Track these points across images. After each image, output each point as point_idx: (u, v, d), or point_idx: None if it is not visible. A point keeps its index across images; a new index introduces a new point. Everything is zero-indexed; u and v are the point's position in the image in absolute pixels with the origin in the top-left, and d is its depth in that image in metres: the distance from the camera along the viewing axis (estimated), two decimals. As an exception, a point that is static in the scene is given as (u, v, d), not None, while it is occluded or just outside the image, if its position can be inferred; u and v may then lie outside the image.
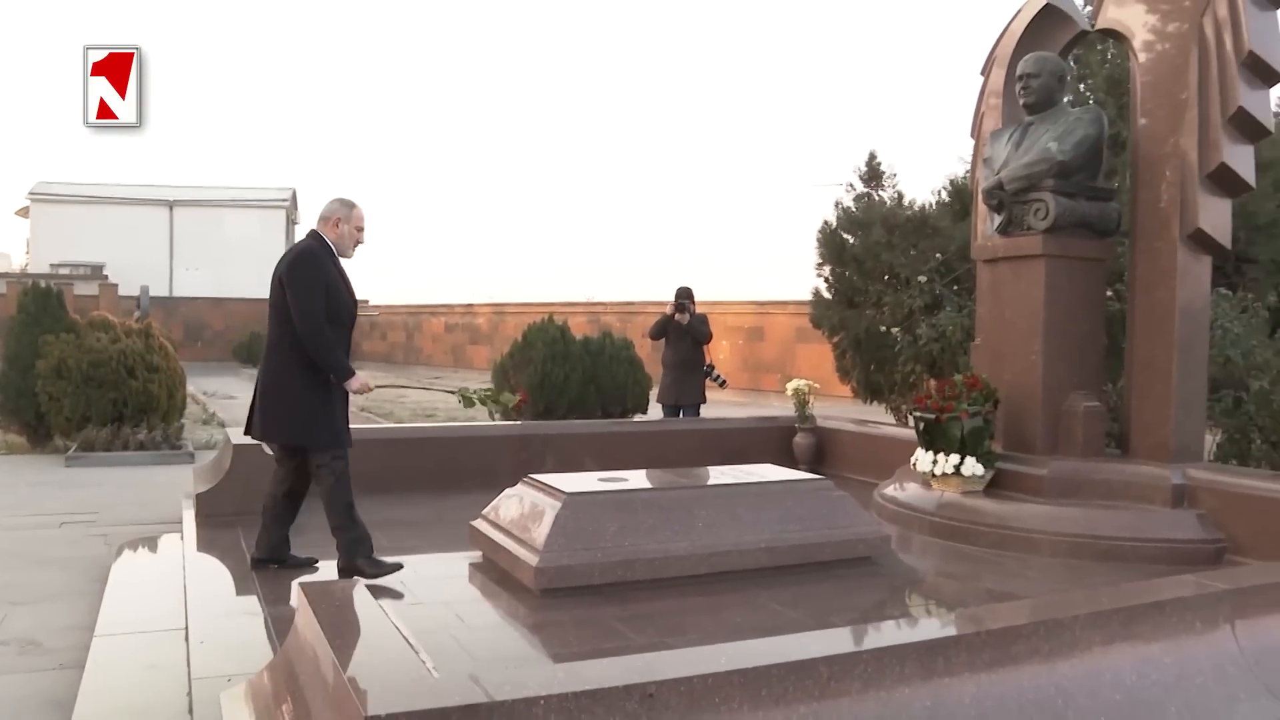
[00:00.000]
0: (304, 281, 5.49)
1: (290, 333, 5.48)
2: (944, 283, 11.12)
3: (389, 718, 2.34)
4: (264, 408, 5.63)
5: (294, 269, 5.55)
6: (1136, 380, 7.03)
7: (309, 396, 5.51)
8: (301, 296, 5.47)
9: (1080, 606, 3.45)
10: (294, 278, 5.52)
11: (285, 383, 5.54)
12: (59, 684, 4.53)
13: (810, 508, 5.95)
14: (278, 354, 5.58)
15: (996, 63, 8.14)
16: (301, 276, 5.51)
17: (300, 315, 5.45)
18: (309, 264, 5.55)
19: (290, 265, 5.58)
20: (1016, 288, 7.22)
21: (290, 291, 5.50)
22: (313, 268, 5.53)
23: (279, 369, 5.56)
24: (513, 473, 6.71)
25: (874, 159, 13.11)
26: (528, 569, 5.16)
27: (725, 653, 2.80)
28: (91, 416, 11.96)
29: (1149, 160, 6.95)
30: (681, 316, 10.62)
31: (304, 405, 5.51)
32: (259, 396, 5.66)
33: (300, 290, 5.48)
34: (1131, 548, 6.22)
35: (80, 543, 7.35)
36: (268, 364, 5.63)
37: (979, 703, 3.00)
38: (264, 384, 5.63)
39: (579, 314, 26.49)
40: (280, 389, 5.55)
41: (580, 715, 2.47)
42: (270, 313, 5.66)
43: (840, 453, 9.58)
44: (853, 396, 13.29)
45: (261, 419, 5.65)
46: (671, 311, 10.69)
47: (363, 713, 2.36)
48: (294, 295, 5.48)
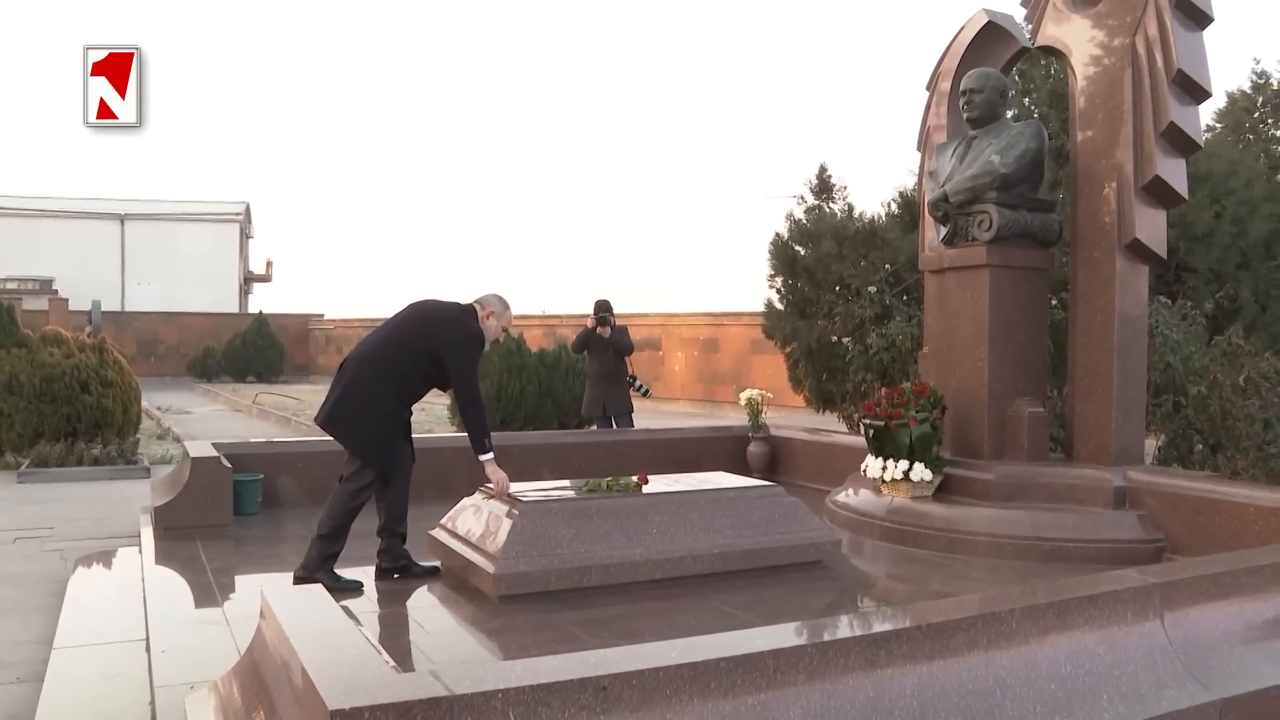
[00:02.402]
0: (472, 356, 5.85)
1: (404, 367, 5.76)
2: (893, 293, 11.32)
3: (353, 712, 2.43)
4: (342, 410, 5.79)
5: (463, 347, 5.79)
6: (1078, 386, 7.24)
7: (388, 425, 5.76)
8: (466, 372, 5.81)
9: (1017, 600, 3.59)
10: (460, 351, 5.77)
11: (374, 401, 5.72)
12: (15, 697, 4.54)
13: (763, 513, 6.08)
14: (379, 374, 5.76)
15: (941, 78, 8.35)
16: (472, 351, 5.83)
17: (465, 386, 5.81)
18: (479, 344, 5.89)
19: (460, 340, 5.79)
20: (962, 297, 7.41)
21: (454, 360, 5.75)
22: (477, 351, 5.89)
23: (373, 386, 5.74)
24: (469, 483, 6.77)
25: (824, 171, 13.30)
26: (486, 576, 5.26)
27: (676, 648, 2.91)
28: (44, 432, 11.89)
29: (1088, 173, 7.17)
30: (603, 330, 10.75)
31: (381, 429, 5.74)
32: (342, 392, 5.80)
33: (465, 366, 5.80)
34: (1075, 548, 6.40)
35: (35, 558, 7.33)
36: (362, 374, 5.77)
37: (920, 693, 3.13)
38: (352, 390, 5.78)
39: (535, 326, 26.55)
40: (369, 404, 5.72)
41: (537, 708, 2.57)
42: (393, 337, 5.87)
43: (793, 461, 9.72)
44: (806, 406, 13.46)
45: (336, 415, 5.80)
46: (592, 325, 10.82)
47: (328, 709, 2.44)
48: (457, 366, 5.77)
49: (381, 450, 5.75)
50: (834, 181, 13.24)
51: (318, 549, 5.66)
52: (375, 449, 5.74)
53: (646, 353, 23.59)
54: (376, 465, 5.73)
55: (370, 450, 5.73)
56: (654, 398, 13.28)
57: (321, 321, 41.69)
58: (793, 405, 15.00)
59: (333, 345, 40.18)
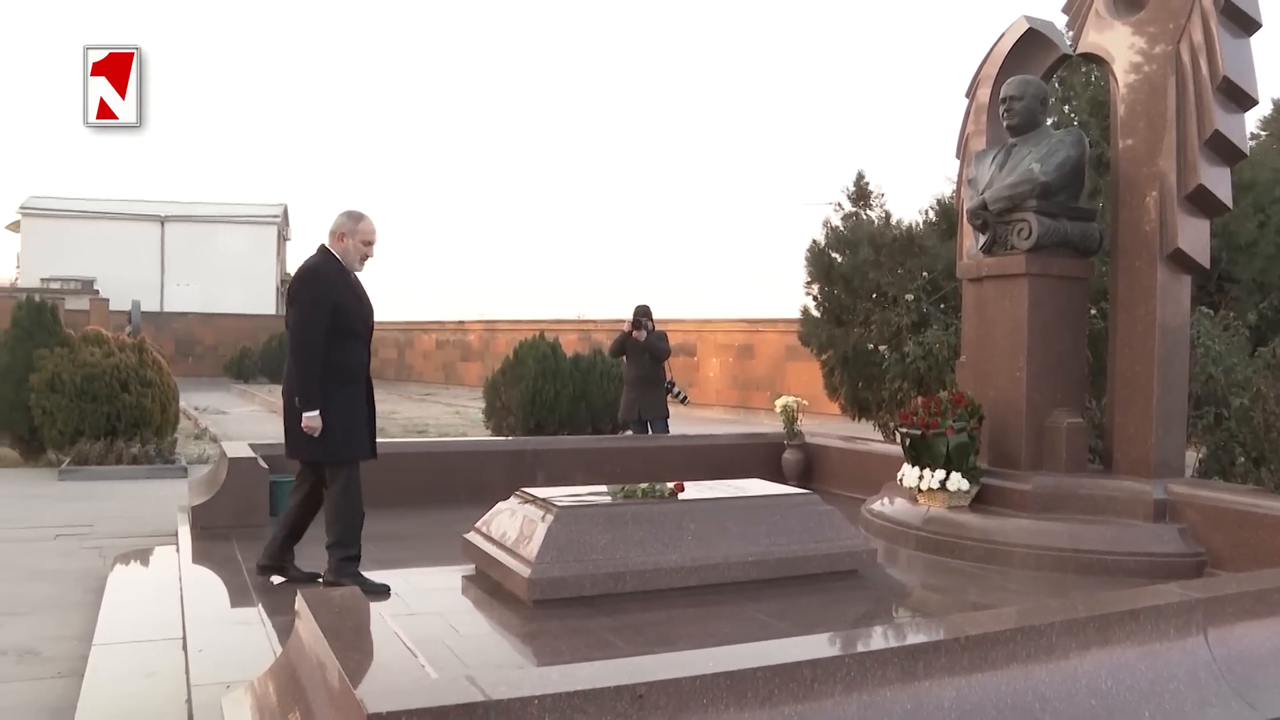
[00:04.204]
0: (301, 301, 5.61)
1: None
2: (931, 301, 11.25)
3: (390, 715, 2.43)
4: (287, 426, 5.73)
5: (296, 287, 5.66)
6: (1118, 396, 7.16)
7: (335, 410, 5.57)
8: (296, 315, 5.59)
9: (1056, 614, 3.55)
10: (294, 296, 5.65)
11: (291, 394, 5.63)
12: (56, 692, 4.60)
13: (798, 521, 6.06)
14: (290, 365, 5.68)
15: (981, 85, 8.30)
16: (300, 296, 5.62)
17: (291, 332, 5.61)
18: (309, 283, 5.63)
19: (294, 283, 5.70)
20: (1001, 306, 7.35)
21: (290, 309, 5.64)
22: (313, 287, 5.61)
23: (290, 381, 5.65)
24: (504, 487, 6.79)
25: (862, 179, 13.24)
26: (520, 580, 5.26)
27: (713, 656, 2.90)
28: (85, 430, 12.02)
29: (1130, 181, 7.09)
30: (639, 334, 10.82)
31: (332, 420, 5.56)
32: (284, 414, 5.74)
33: (297, 309, 5.61)
34: (1114, 561, 6.33)
35: (75, 555, 7.41)
36: (287, 382, 5.70)
37: (958, 706, 3.10)
38: (285, 401, 5.71)
39: (570, 331, 26.57)
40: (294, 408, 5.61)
41: (573, 715, 2.56)
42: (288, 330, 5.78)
43: (828, 469, 9.69)
44: (841, 413, 13.38)
45: (286, 436, 5.75)
46: (629, 329, 10.87)
47: (365, 712, 2.45)
48: (291, 313, 5.62)
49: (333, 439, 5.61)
50: (871, 188, 13.17)
51: (333, 559, 5.64)
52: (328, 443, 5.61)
53: (681, 358, 23.56)
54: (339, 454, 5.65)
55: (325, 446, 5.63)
56: (689, 404, 13.28)
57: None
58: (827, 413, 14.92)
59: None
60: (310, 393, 5.51)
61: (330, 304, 5.56)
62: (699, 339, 25.35)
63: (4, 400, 12.51)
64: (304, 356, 5.53)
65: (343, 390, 5.61)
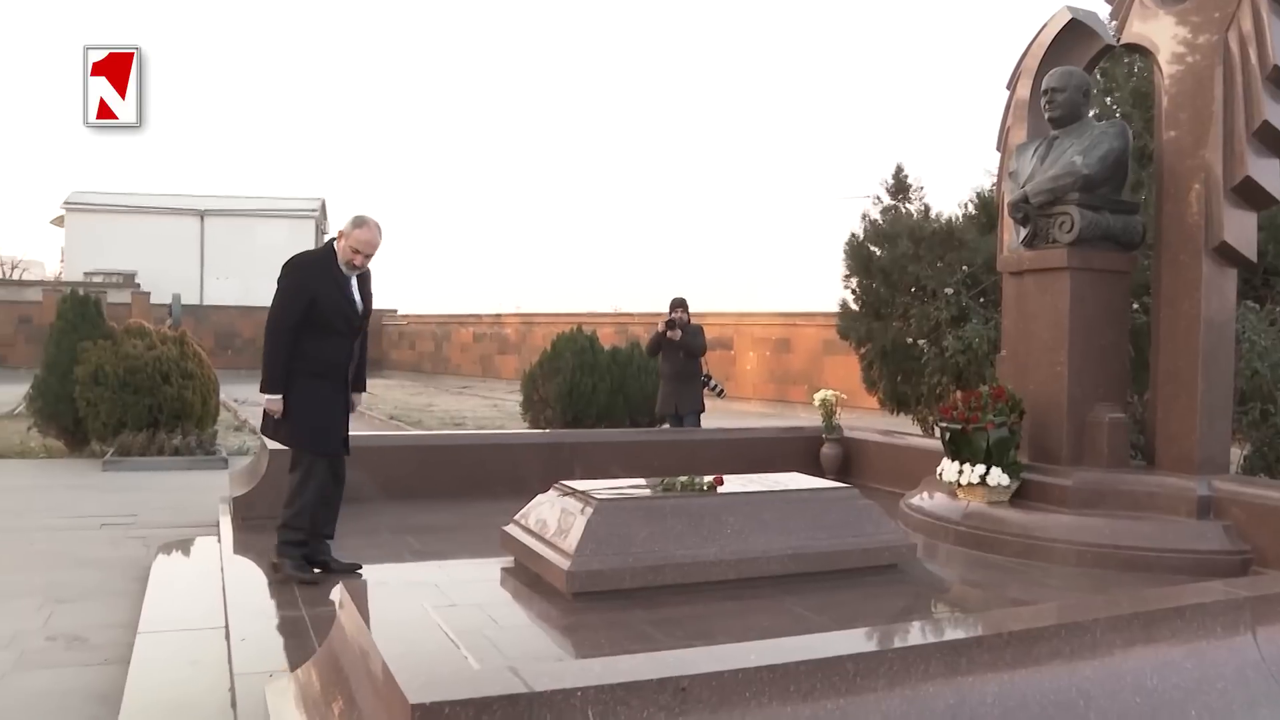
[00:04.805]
0: (280, 288, 5.78)
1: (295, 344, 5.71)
2: (970, 295, 11.17)
3: (433, 706, 2.44)
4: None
5: (281, 274, 5.80)
6: (1161, 392, 7.08)
7: (301, 402, 5.70)
8: (273, 300, 5.76)
9: (1100, 610, 3.52)
10: (278, 281, 5.78)
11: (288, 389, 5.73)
12: (104, 678, 4.67)
13: (837, 515, 6.04)
14: None
15: (1022, 77, 8.21)
16: (281, 283, 5.79)
17: (269, 315, 5.76)
18: (291, 273, 5.79)
19: (281, 269, 5.82)
20: (1041, 300, 7.29)
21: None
22: (292, 277, 5.76)
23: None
24: (541, 480, 6.81)
25: (901, 171, 13.14)
26: (559, 573, 5.27)
27: (755, 650, 2.90)
28: (127, 422, 12.15)
29: (1174, 173, 7.01)
30: (674, 334, 10.84)
31: (293, 408, 5.71)
32: None
33: (276, 294, 5.77)
34: (1156, 558, 6.26)
35: (119, 544, 7.50)
36: None
37: (1001, 702, 3.08)
38: None
39: (606, 324, 26.58)
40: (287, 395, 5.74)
41: (616, 707, 2.56)
42: None
43: (866, 463, 9.65)
44: (879, 408, 13.32)
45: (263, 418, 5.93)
46: (663, 329, 10.90)
47: (408, 702, 2.46)
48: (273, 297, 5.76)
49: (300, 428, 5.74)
50: (910, 182, 13.06)
51: (279, 538, 5.78)
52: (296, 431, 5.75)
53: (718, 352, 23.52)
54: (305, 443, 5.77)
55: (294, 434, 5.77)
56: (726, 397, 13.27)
57: (395, 317, 42.17)
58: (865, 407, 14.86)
59: (405, 341, 40.66)
60: (270, 375, 5.68)
61: (308, 296, 5.68)
62: (736, 332, 25.31)
63: (50, 392, 12.67)
64: (270, 340, 5.71)
65: (310, 382, 5.72)
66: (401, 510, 7.78)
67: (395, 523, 7.37)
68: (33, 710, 4.33)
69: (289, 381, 5.69)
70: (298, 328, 5.67)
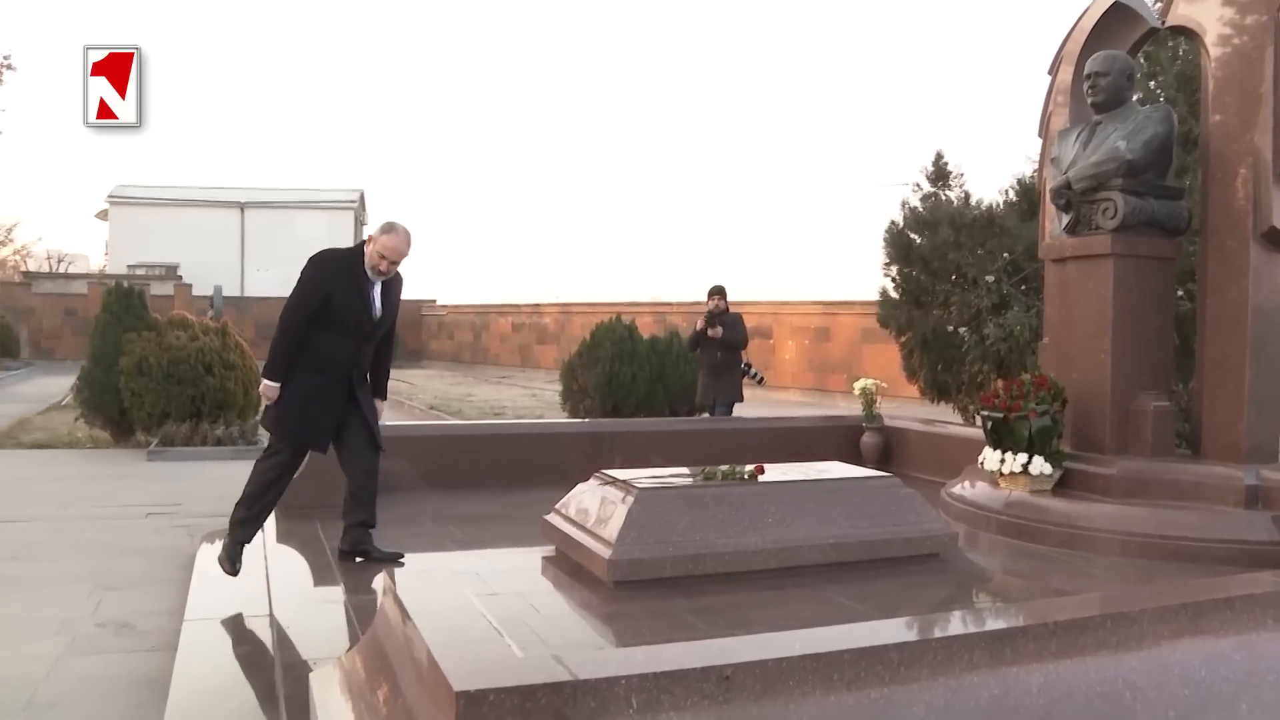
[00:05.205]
0: (299, 280, 5.80)
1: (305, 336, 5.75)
2: (1011, 282, 11.09)
3: (478, 694, 2.45)
4: None
5: (304, 267, 5.83)
6: (1208, 380, 6.99)
7: (290, 392, 5.72)
8: (292, 291, 5.80)
9: (1147, 601, 3.47)
10: (300, 272, 5.82)
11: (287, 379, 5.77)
12: (151, 664, 4.75)
13: (878, 505, 6.01)
14: None
15: (1064, 61, 8.12)
16: (301, 275, 5.81)
17: (284, 305, 5.80)
18: (311, 267, 5.83)
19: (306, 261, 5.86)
20: (1084, 287, 7.21)
21: None
22: (311, 272, 5.79)
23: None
24: (581, 469, 6.81)
25: (941, 158, 13.06)
26: (600, 562, 5.28)
27: (799, 638, 2.88)
28: (171, 412, 12.31)
29: (1221, 158, 6.91)
30: (714, 332, 10.88)
31: (284, 397, 5.73)
32: None
33: (295, 285, 5.81)
34: (1201, 548, 6.17)
35: (164, 533, 7.61)
36: None
37: (1046, 692, 3.05)
38: None
39: (645, 314, 26.59)
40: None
41: (660, 695, 2.56)
42: None
43: (907, 452, 9.60)
44: (919, 396, 13.27)
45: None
46: (702, 326, 10.94)
47: (453, 690, 2.47)
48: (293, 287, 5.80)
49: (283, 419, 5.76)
50: (950, 168, 12.99)
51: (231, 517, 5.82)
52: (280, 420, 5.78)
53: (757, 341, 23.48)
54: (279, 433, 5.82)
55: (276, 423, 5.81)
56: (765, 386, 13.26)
57: (434, 308, 42.35)
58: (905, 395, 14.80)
59: (444, 331, 40.84)
60: (272, 363, 5.73)
61: (323, 292, 5.70)
62: (775, 321, 25.25)
63: (96, 383, 12.86)
64: (279, 329, 5.75)
65: (305, 375, 5.72)
66: (443, 499, 7.83)
67: (437, 512, 7.41)
68: (84, 694, 4.41)
69: (290, 372, 5.73)
70: (308, 321, 5.71)
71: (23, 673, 4.61)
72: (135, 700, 4.35)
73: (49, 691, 4.43)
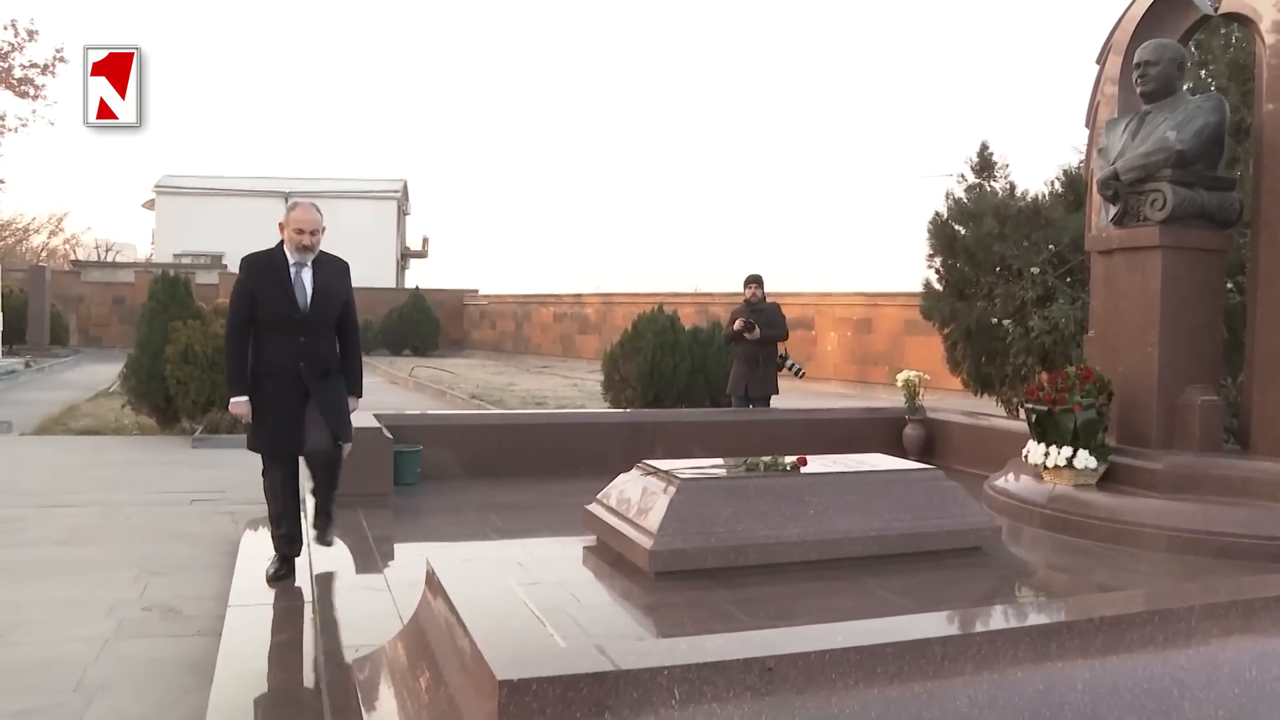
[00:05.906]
0: (232, 289, 5.64)
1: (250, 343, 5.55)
2: (1057, 274, 10.98)
3: (521, 683, 2.47)
4: None
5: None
6: (1257, 374, 6.89)
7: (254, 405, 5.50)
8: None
9: (1195, 598, 3.44)
10: None
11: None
12: (197, 648, 4.82)
13: (921, 497, 5.97)
14: None
15: (1113, 50, 8.01)
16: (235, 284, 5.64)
17: None
18: (239, 272, 5.66)
19: None
20: (1132, 280, 7.12)
21: None
22: (239, 277, 5.62)
23: None
24: (623, 460, 6.82)
25: (985, 149, 12.94)
26: (642, 552, 5.28)
27: (842, 631, 2.88)
28: (216, 400, 12.43)
29: (1274, 148, 6.79)
30: (751, 335, 10.51)
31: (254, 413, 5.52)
32: None
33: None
34: (1251, 545, 6.08)
35: (208, 519, 7.70)
36: None
37: (1092, 688, 3.03)
38: None
39: (687, 304, 26.51)
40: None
41: (702, 686, 2.56)
42: None
43: (950, 445, 9.53)
44: (963, 389, 13.17)
45: None
46: (740, 328, 10.58)
47: (496, 678, 2.49)
48: None
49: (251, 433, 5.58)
50: (995, 159, 12.87)
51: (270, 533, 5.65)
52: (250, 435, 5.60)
53: (799, 332, 23.37)
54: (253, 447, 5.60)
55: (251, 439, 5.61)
56: (806, 378, 13.14)
57: (476, 297, 42.52)
58: (948, 388, 14.69)
59: (486, 320, 40.99)
60: (228, 378, 5.53)
61: (248, 294, 5.50)
62: (817, 312, 25.13)
63: (143, 370, 13.02)
64: (227, 343, 5.57)
65: (260, 385, 5.49)
66: (485, 489, 7.86)
67: (479, 501, 7.45)
68: (130, 677, 4.48)
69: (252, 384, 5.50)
70: (245, 327, 5.49)
71: (74, 655, 4.69)
72: (180, 684, 4.41)
73: (98, 673, 4.50)
